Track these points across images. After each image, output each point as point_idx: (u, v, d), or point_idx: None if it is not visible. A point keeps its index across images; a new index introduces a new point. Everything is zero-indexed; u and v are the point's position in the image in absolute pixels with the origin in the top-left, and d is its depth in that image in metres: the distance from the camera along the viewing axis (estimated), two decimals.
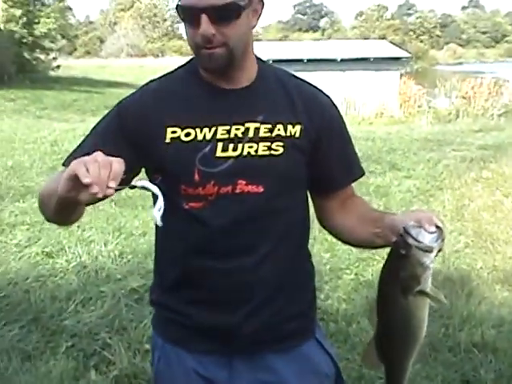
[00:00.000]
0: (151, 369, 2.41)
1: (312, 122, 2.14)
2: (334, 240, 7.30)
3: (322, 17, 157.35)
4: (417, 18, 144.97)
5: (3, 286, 5.83)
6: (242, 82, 2.09)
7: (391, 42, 42.89)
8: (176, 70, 2.20)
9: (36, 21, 38.54)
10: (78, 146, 2.14)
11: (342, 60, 34.77)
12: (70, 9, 47.09)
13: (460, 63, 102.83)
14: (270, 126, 2.07)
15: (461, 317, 5.36)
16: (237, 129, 2.05)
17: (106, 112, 2.19)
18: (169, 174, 2.06)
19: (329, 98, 2.27)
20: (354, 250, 6.95)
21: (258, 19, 2.07)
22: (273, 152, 2.07)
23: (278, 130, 2.08)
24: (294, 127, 2.10)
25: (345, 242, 2.36)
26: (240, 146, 2.05)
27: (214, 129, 2.04)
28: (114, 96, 28.20)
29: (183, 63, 2.20)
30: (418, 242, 1.79)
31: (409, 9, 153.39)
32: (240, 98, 2.08)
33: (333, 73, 33.42)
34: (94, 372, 4.47)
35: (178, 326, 2.22)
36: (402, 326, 1.92)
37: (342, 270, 6.37)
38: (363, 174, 2.31)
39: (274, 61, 33.43)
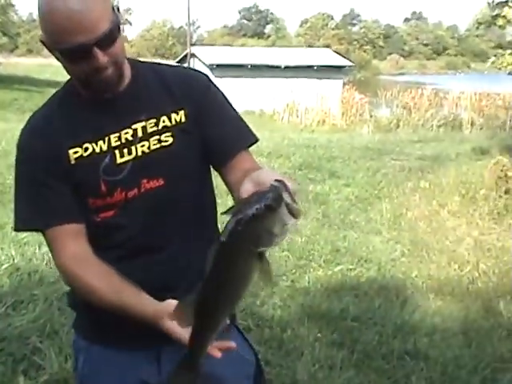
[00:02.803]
0: (74, 374, 2.37)
1: (191, 100, 2.20)
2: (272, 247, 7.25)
3: (268, 23, 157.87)
4: (361, 28, 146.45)
5: None
6: (120, 87, 2.13)
7: (335, 51, 43.30)
8: (54, 95, 2.25)
9: None
10: (20, 204, 2.19)
11: (285, 67, 35.01)
12: (13, 5, 46.20)
13: (402, 74, 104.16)
14: (154, 120, 2.16)
15: (394, 325, 5.40)
16: (126, 133, 2.13)
17: (17, 154, 2.23)
18: (78, 191, 2.13)
19: (204, 75, 2.31)
20: (291, 256, 6.98)
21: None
22: (163, 144, 2.15)
23: (163, 121, 2.16)
24: (178, 114, 2.18)
25: None
26: (133, 148, 2.13)
27: (106, 139, 2.12)
28: None
29: (62, 87, 2.24)
30: (290, 201, 1.69)
31: (353, 19, 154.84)
32: (121, 102, 2.14)
33: (276, 79, 33.61)
34: (22, 377, 4.35)
35: (103, 325, 2.20)
36: (237, 284, 1.81)
37: (279, 277, 6.34)
38: (256, 140, 2.30)
39: (218, 65, 33.55)
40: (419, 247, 7.81)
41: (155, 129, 2.15)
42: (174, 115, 2.17)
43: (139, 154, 2.13)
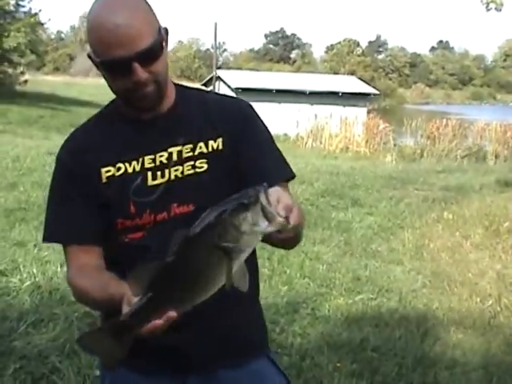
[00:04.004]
0: None
1: (230, 128, 2.19)
2: (293, 273, 7.23)
3: (294, 48, 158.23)
4: (387, 56, 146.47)
5: None
6: (161, 109, 2.16)
7: (360, 79, 43.36)
8: (98, 112, 2.29)
9: (5, 34, 38.20)
10: (50, 216, 2.21)
11: (310, 93, 35.10)
12: (42, 24, 46.47)
13: (427, 103, 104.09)
14: (191, 145, 2.16)
15: (415, 357, 5.34)
16: (161, 156, 2.13)
17: (54, 165, 2.25)
18: (108, 210, 2.13)
19: (247, 104, 2.32)
20: (311, 284, 6.95)
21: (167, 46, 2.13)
22: (197, 170, 2.15)
23: (200, 147, 2.16)
24: (215, 141, 2.18)
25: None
26: (167, 171, 2.13)
27: (140, 160, 2.13)
28: (81, 114, 27.99)
29: (106, 104, 2.28)
30: (267, 204, 1.71)
31: (379, 46, 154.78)
32: (161, 124, 2.16)
33: (301, 105, 33.65)
34: None
35: (131, 349, 2.17)
36: (196, 274, 1.79)
37: (299, 304, 6.32)
38: (293, 176, 2.27)
39: (244, 89, 33.68)
40: (441, 279, 7.75)
41: (190, 154, 2.14)
42: (211, 142, 2.17)
43: (172, 177, 2.12)
